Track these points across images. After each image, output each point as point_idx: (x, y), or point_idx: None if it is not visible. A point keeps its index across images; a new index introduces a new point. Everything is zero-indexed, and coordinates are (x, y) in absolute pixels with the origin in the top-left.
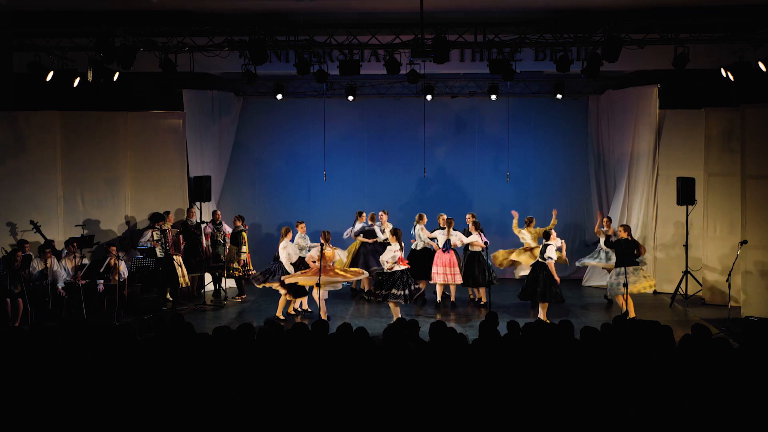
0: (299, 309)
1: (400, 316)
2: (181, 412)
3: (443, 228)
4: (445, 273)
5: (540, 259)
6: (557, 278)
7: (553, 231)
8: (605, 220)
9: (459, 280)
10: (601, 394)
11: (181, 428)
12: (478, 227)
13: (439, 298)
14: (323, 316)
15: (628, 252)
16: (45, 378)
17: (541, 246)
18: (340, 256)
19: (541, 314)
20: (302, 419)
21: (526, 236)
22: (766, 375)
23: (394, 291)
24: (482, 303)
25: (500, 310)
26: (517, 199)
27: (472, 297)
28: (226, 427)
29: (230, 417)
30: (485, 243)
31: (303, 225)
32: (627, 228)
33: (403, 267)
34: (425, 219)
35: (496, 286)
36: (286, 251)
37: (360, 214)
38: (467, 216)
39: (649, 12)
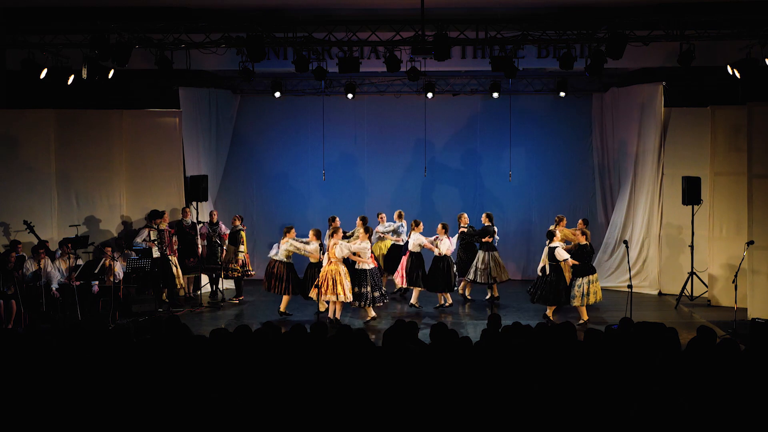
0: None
1: (374, 314)
2: (178, 415)
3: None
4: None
5: (551, 262)
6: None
7: (557, 231)
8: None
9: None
10: (605, 396)
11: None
12: (446, 230)
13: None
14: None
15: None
16: (39, 381)
17: (547, 249)
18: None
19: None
20: (302, 422)
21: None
22: None
23: (363, 290)
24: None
25: (503, 310)
26: (519, 198)
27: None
28: (224, 430)
29: (228, 420)
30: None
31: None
32: (584, 232)
33: (372, 266)
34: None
35: (500, 287)
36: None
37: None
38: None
39: (653, 8)
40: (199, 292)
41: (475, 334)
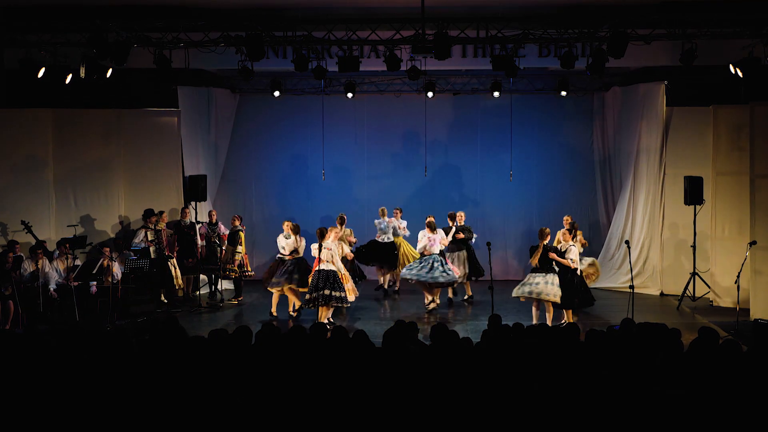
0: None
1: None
2: (177, 416)
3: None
4: None
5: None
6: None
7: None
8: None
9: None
10: (607, 397)
11: None
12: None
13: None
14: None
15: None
16: (38, 382)
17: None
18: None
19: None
20: (301, 423)
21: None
22: None
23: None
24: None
25: (504, 311)
26: (520, 198)
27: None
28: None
29: (228, 421)
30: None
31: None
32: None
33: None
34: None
35: (498, 288)
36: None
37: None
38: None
39: (655, 7)
40: (197, 293)
41: (475, 336)
